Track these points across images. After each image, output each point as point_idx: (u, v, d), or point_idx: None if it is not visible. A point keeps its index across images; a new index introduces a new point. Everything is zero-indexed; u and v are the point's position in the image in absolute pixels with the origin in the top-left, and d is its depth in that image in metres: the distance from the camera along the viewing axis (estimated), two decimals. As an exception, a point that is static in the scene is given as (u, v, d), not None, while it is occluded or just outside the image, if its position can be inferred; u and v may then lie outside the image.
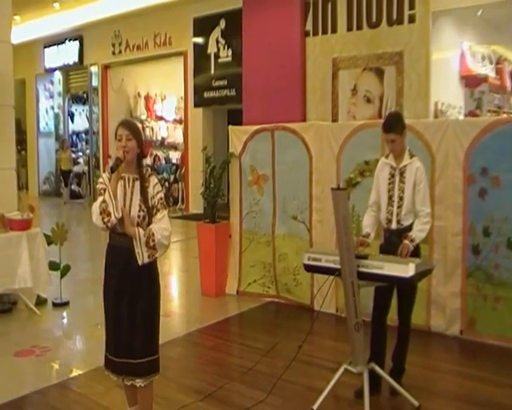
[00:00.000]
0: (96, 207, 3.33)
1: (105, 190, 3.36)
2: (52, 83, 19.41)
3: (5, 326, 6.06)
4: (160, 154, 17.27)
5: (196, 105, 14.21)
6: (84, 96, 18.53)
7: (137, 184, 3.42)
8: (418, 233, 4.21)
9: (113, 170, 3.34)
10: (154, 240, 3.33)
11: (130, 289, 3.41)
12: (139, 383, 3.42)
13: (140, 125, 17.39)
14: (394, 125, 4.27)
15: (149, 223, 3.40)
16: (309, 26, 10.68)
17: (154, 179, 3.48)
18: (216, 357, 5.25)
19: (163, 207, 3.44)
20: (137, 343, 3.40)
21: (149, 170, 3.68)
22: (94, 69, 17.39)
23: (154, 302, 3.50)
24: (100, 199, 3.34)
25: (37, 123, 19.96)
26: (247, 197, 6.97)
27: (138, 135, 3.47)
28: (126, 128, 3.42)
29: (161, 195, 3.46)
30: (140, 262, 3.34)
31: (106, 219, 3.29)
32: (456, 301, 5.48)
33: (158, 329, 3.54)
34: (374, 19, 9.83)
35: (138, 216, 3.38)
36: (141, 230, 3.34)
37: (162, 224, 3.39)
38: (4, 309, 6.41)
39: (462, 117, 9.86)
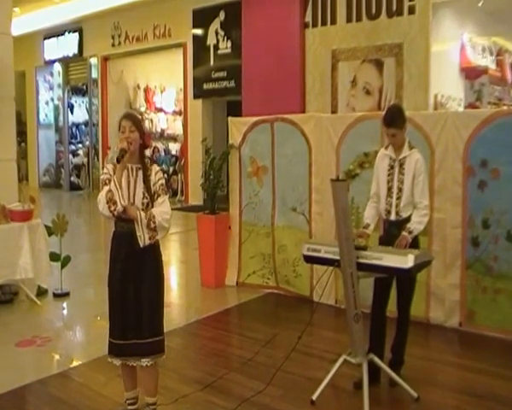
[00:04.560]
0: (102, 196, 3.48)
1: (110, 181, 3.50)
2: (52, 75, 19.34)
3: (6, 317, 6.08)
4: (160, 145, 17.25)
5: (196, 97, 14.19)
6: (84, 87, 18.50)
7: (140, 173, 3.59)
8: (416, 225, 4.22)
9: (118, 160, 3.49)
10: (154, 222, 3.51)
11: (135, 271, 3.57)
12: (145, 362, 3.55)
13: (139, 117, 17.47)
14: (395, 119, 4.24)
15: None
16: (308, 18, 10.69)
17: (155, 168, 3.67)
18: (216, 348, 5.27)
19: (164, 193, 3.62)
20: (144, 323, 3.55)
21: (150, 161, 3.84)
22: (93, 61, 17.35)
23: (158, 285, 3.68)
24: (105, 189, 3.49)
25: (37, 115, 19.90)
26: (247, 189, 6.97)
27: (140, 127, 3.64)
28: (129, 120, 3.60)
29: (162, 181, 3.65)
30: (141, 244, 3.51)
31: (112, 208, 3.47)
32: (456, 293, 5.48)
33: (162, 310, 3.71)
34: (373, 10, 9.84)
35: (142, 204, 3.55)
36: (142, 213, 3.50)
37: (163, 207, 3.58)
38: (6, 300, 6.43)
39: (461, 109, 9.85)
